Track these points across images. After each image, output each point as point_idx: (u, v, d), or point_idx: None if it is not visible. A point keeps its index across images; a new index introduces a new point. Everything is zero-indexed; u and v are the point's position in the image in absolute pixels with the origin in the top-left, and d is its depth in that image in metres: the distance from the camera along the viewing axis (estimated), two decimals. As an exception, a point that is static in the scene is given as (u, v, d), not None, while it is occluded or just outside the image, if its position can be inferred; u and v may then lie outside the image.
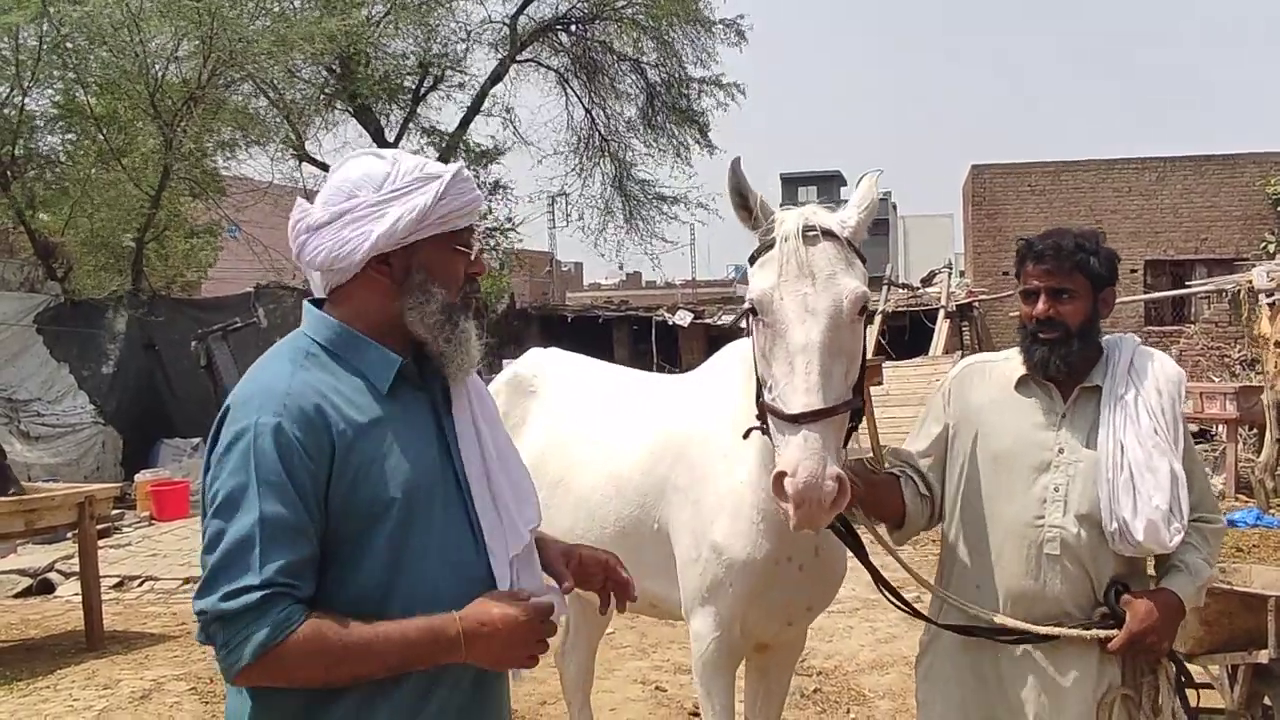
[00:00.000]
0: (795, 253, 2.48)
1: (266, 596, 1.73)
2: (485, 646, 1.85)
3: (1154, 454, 2.55)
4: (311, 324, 1.99)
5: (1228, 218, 23.18)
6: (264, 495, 1.76)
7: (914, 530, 2.87)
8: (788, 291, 2.47)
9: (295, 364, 1.90)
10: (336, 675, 1.79)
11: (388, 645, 1.79)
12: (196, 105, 15.28)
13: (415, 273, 1.96)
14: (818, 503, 2.30)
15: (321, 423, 1.83)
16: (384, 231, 1.91)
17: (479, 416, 2.08)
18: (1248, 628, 4.62)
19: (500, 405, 4.16)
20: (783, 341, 2.45)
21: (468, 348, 2.00)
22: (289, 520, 1.77)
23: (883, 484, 2.81)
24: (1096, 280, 2.68)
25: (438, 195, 1.93)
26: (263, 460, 1.78)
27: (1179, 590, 2.61)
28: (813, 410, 2.35)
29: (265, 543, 1.74)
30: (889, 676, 6.21)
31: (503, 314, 26.17)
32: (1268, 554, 9.02)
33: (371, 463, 1.86)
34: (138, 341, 14.99)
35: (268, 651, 1.72)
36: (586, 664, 4.62)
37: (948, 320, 20.74)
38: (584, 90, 23.39)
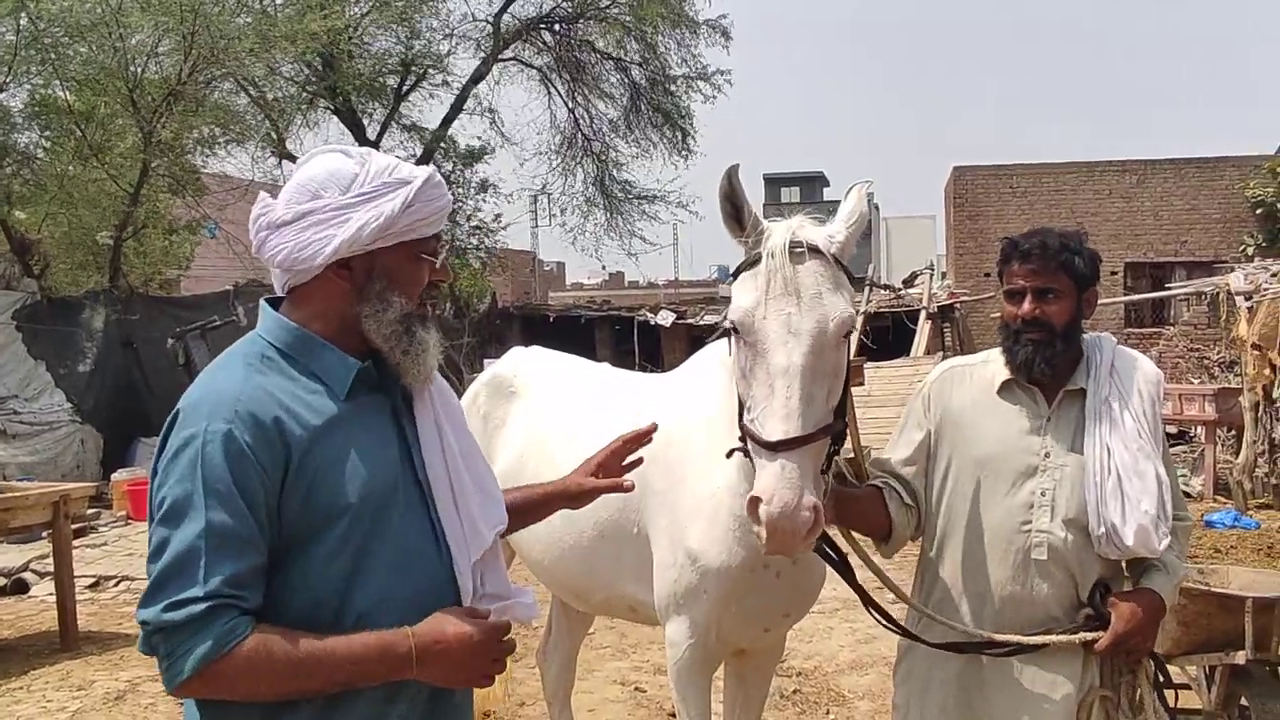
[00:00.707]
0: (780, 270, 2.39)
1: (211, 608, 1.68)
2: (437, 665, 1.80)
3: (1140, 458, 2.55)
4: (268, 326, 1.95)
5: (1207, 220, 23.33)
6: (210, 504, 1.71)
7: (902, 541, 2.83)
8: (771, 311, 2.38)
9: (249, 368, 1.86)
10: (281, 690, 1.75)
11: (335, 661, 1.74)
12: (176, 102, 15.17)
13: (376, 279, 1.92)
14: (792, 532, 2.26)
15: (275, 429, 1.78)
16: (347, 238, 1.87)
17: (442, 418, 2.04)
18: (1225, 629, 4.63)
19: (481, 406, 4.15)
20: (764, 363, 2.37)
21: (425, 358, 1.95)
22: (236, 530, 1.72)
23: (865, 498, 2.77)
24: (1081, 280, 2.66)
25: (405, 203, 1.89)
26: (210, 468, 1.73)
27: (1160, 590, 2.61)
28: (791, 438, 2.29)
29: (211, 553, 1.70)
30: (869, 677, 6.20)
31: (484, 313, 26.10)
32: (1245, 555, 9.08)
33: (328, 467, 1.82)
34: (116, 339, 14.87)
35: (210, 665, 1.68)
36: (568, 665, 4.60)
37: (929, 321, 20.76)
38: (567, 89, 23.37)
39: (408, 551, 1.90)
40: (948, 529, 2.75)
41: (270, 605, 1.78)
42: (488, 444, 4.05)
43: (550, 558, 3.65)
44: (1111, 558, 2.60)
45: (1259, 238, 22.50)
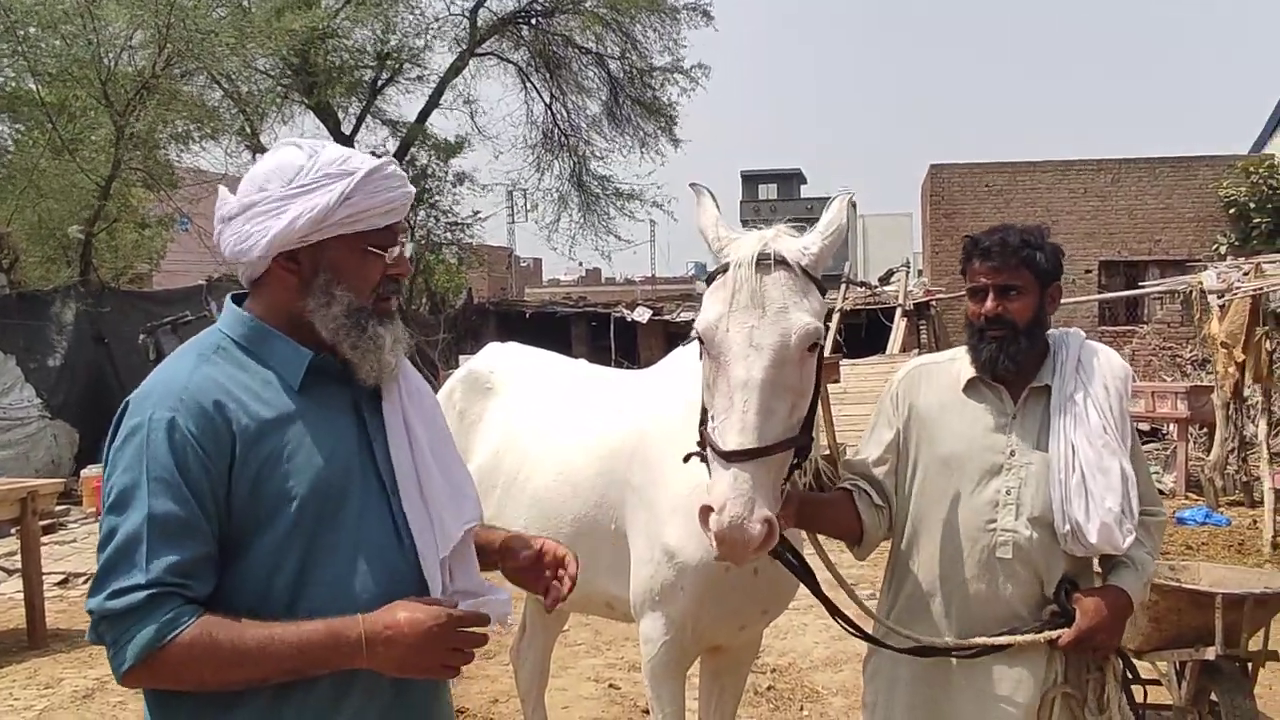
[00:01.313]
0: (747, 281, 2.36)
1: (153, 596, 1.67)
2: (389, 652, 1.77)
3: (1104, 454, 2.54)
4: (225, 319, 1.95)
5: (1181, 219, 23.52)
6: (154, 492, 1.71)
7: (874, 543, 2.82)
8: (735, 323, 2.36)
9: (201, 359, 1.86)
10: (228, 679, 1.73)
11: (283, 648, 1.72)
12: (150, 95, 15.03)
13: (321, 273, 1.89)
14: (742, 543, 2.25)
15: (220, 418, 1.77)
16: (279, 230, 1.84)
17: (410, 413, 2.02)
18: (1195, 625, 4.66)
19: (457, 402, 4.13)
20: (725, 375, 2.35)
21: (378, 354, 1.92)
22: (180, 518, 1.71)
23: (834, 502, 2.77)
24: (1043, 276, 2.66)
25: (343, 194, 1.85)
26: (154, 456, 1.73)
27: (1128, 587, 2.61)
28: (746, 450, 2.26)
29: (153, 541, 1.69)
30: (842, 673, 6.22)
31: (460, 309, 26.04)
32: (1216, 552, 9.15)
33: (277, 458, 1.81)
34: (87, 334, 14.73)
35: (152, 653, 1.67)
36: (541, 662, 4.58)
37: (905, 319, 20.85)
38: (545, 84, 23.32)
39: (366, 546, 1.88)
40: (916, 527, 2.75)
41: (220, 598, 1.77)
42: (464, 440, 4.03)
43: (524, 555, 3.63)
44: (1077, 555, 2.60)
45: (1231, 237, 22.70)
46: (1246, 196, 22.70)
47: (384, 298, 1.97)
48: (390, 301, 1.99)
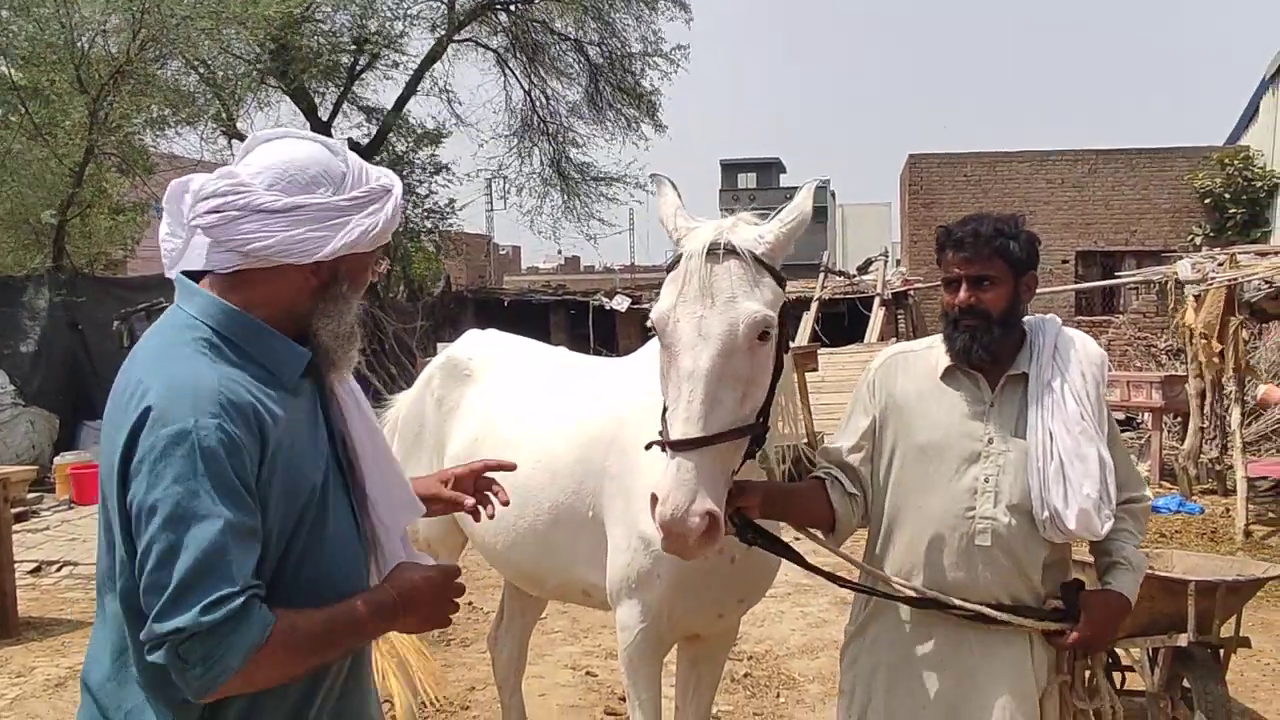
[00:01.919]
0: (697, 272, 2.36)
1: (248, 601, 1.69)
2: (415, 611, 1.93)
3: (1082, 441, 2.55)
4: (205, 309, 1.88)
5: (1157, 210, 23.68)
6: (225, 501, 1.70)
7: (847, 531, 2.81)
8: (684, 313, 2.36)
9: (206, 357, 1.82)
10: (307, 665, 1.82)
11: (345, 626, 1.84)
12: (124, 80, 14.87)
13: (341, 280, 1.93)
14: (681, 536, 2.25)
15: (255, 418, 1.78)
16: (348, 241, 1.87)
17: (355, 406, 2.10)
18: (1169, 612, 4.70)
19: (435, 389, 4.11)
20: (675, 365, 2.36)
21: (354, 353, 2.01)
22: (248, 524, 1.73)
23: (804, 492, 2.77)
24: (1017, 265, 2.65)
25: (390, 215, 1.92)
26: (212, 465, 1.70)
27: (1126, 591, 2.64)
28: (690, 439, 2.27)
29: (235, 549, 1.69)
30: (819, 661, 6.24)
31: (439, 297, 25.93)
32: (1189, 540, 9.24)
33: (289, 455, 1.84)
34: (61, 320, 14.57)
35: (255, 654, 1.69)
36: (519, 650, 4.58)
37: (883, 308, 20.95)
38: (524, 71, 23.21)
39: (340, 535, 1.95)
40: (894, 516, 2.74)
41: None
42: (442, 427, 4.01)
43: (504, 543, 3.62)
44: (1056, 541, 2.61)
45: (1206, 227, 22.90)
46: (1221, 188, 22.89)
47: None
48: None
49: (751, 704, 5.67)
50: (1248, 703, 5.56)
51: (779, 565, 3.21)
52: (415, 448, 4.06)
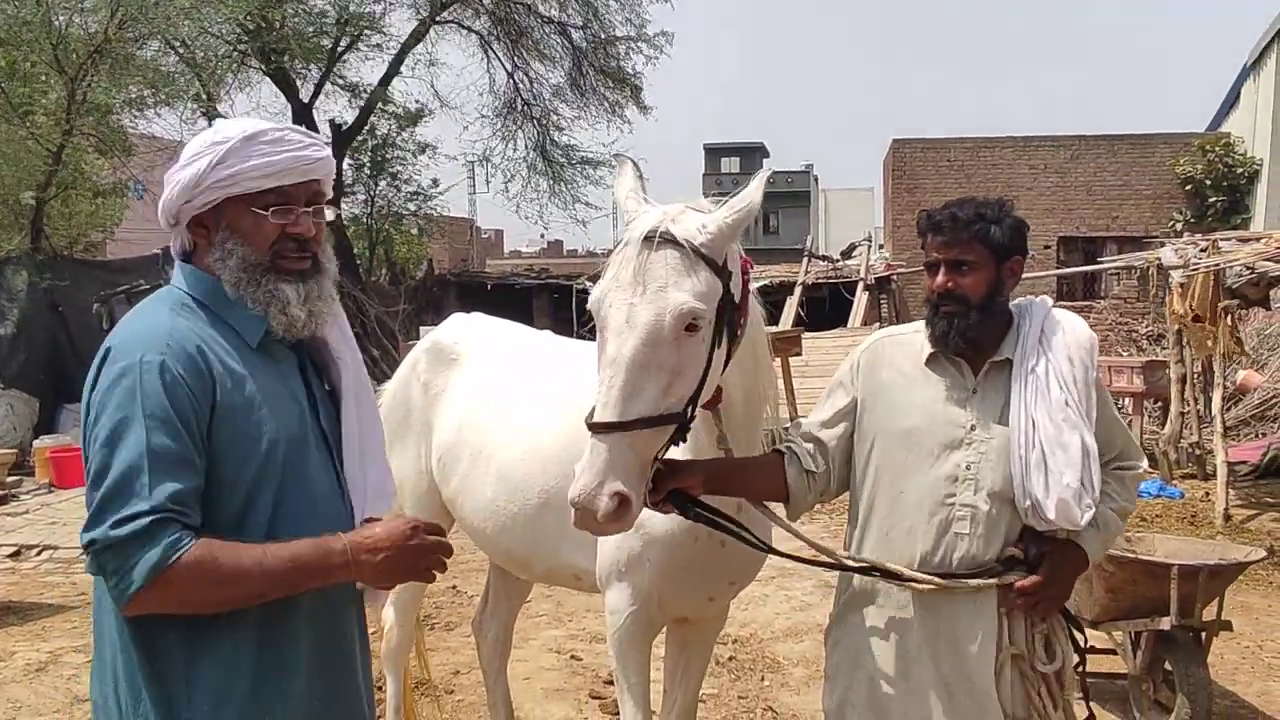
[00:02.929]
0: (633, 259, 2.36)
1: (156, 521, 1.79)
2: (372, 560, 1.94)
3: (1064, 428, 2.52)
4: (184, 278, 2.10)
5: (1139, 196, 23.78)
6: (150, 427, 1.83)
7: (802, 506, 2.80)
8: (615, 300, 2.36)
9: (173, 312, 2.00)
10: (229, 594, 1.87)
11: (277, 563, 1.87)
12: (102, 60, 14.70)
13: (221, 231, 2.05)
14: (589, 514, 2.28)
15: (203, 363, 1.92)
16: (166, 198, 2.06)
17: (363, 393, 2.21)
18: (1151, 596, 4.73)
19: (421, 373, 4.08)
20: (603, 350, 2.37)
21: (283, 308, 2.06)
22: (175, 451, 1.84)
23: (755, 466, 2.76)
24: (998, 250, 2.62)
25: (212, 163, 2.01)
26: (148, 395, 1.85)
27: (1088, 546, 2.63)
28: (604, 424, 2.29)
29: (153, 471, 1.81)
30: (803, 644, 6.26)
31: (421, 280, 25.84)
32: (1170, 524, 9.31)
33: (249, 406, 1.97)
34: (41, 303, 14.45)
35: (160, 574, 1.79)
36: (504, 634, 4.57)
37: (866, 293, 21.00)
38: (507, 53, 23.09)
39: (319, 499, 2.06)
40: (873, 501, 2.73)
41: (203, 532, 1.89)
42: (429, 412, 3.99)
43: (493, 527, 3.61)
44: (1039, 529, 2.59)
45: (1187, 213, 23.01)
46: (1203, 174, 23.01)
47: (283, 255, 2.08)
48: (294, 260, 2.10)
49: (736, 687, 5.68)
50: (1228, 685, 5.61)
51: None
52: (402, 431, 4.04)
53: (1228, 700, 5.41)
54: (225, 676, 1.94)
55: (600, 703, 5.44)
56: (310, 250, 2.11)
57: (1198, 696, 4.64)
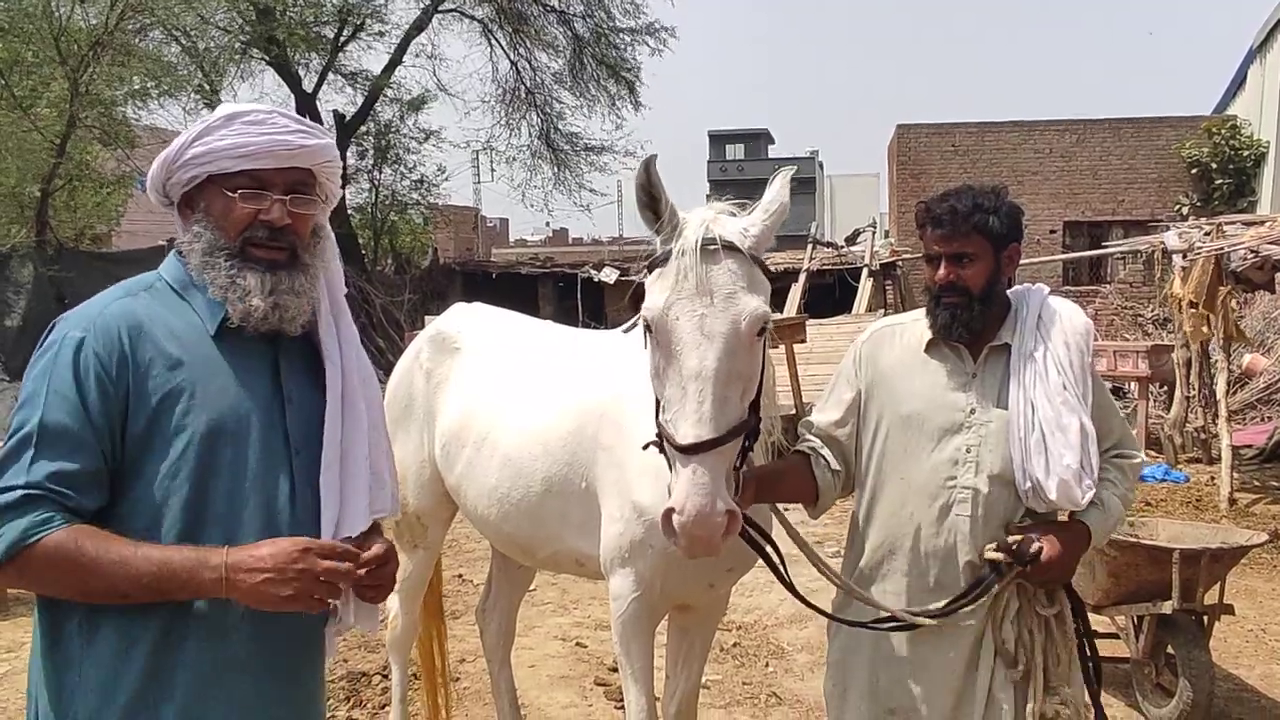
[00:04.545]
0: (693, 269, 2.31)
1: (27, 497, 1.76)
2: (249, 581, 1.80)
3: (1063, 411, 2.55)
4: (166, 262, 2.08)
5: (1144, 180, 23.71)
6: (50, 404, 1.81)
7: (829, 504, 2.85)
8: (683, 311, 2.32)
9: (127, 293, 1.99)
10: (88, 586, 1.79)
11: (144, 564, 1.79)
12: (104, 50, 14.72)
13: (196, 213, 2.03)
14: (708, 539, 2.25)
15: (126, 346, 1.87)
16: (150, 173, 2.06)
17: (357, 392, 2.09)
18: (1153, 580, 4.75)
19: (424, 362, 4.10)
20: (676, 365, 2.32)
21: (242, 295, 1.98)
22: (69, 430, 1.81)
23: (789, 470, 2.78)
24: (997, 240, 2.64)
25: (183, 144, 2.00)
26: (58, 371, 1.84)
27: (1091, 525, 2.63)
28: (704, 441, 2.25)
29: (40, 447, 1.79)
30: (807, 630, 6.28)
31: (426, 269, 25.86)
32: (1174, 508, 9.31)
33: (178, 394, 1.90)
34: (47, 295, 14.51)
35: (17, 551, 1.75)
36: (507, 622, 4.59)
37: (871, 279, 20.93)
38: (509, 42, 23.06)
39: (260, 503, 1.96)
40: (876, 487, 2.76)
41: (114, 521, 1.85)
42: (431, 400, 4.01)
43: (496, 513, 3.63)
44: (1040, 511, 2.62)
45: (1193, 197, 22.95)
46: (1208, 157, 22.93)
47: (254, 243, 2.00)
48: (265, 249, 2.01)
49: (740, 673, 5.71)
50: (1231, 668, 5.62)
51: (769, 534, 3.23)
52: (405, 420, 4.05)
53: (1230, 684, 5.42)
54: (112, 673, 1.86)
55: (605, 689, 5.47)
56: (286, 240, 2.02)
57: (1200, 680, 4.66)
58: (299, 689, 2.08)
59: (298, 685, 2.08)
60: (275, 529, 1.95)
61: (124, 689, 1.86)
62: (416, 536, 4.16)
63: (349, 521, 2.01)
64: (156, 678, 1.87)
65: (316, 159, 2.07)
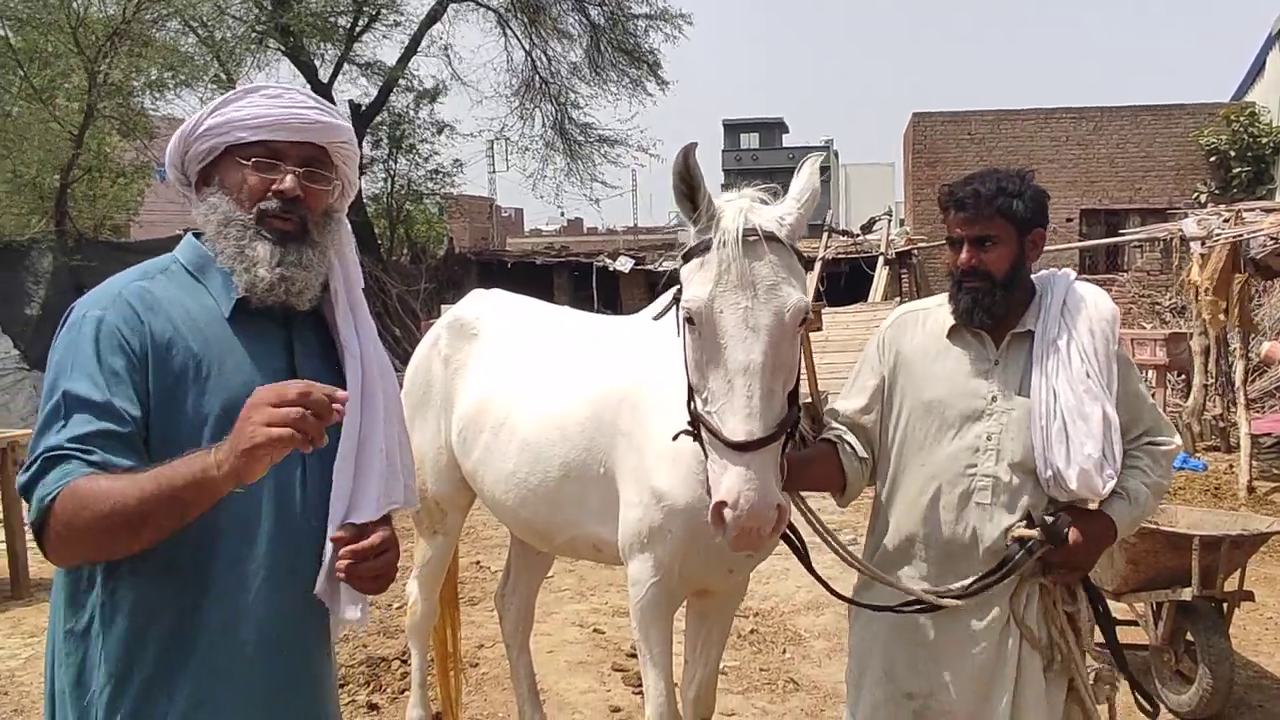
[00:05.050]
0: (735, 260, 2.30)
1: (50, 459, 1.76)
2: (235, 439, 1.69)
3: (1085, 399, 2.53)
4: (182, 245, 2.09)
5: (1161, 168, 23.55)
6: (74, 375, 1.82)
7: (856, 492, 2.84)
8: (727, 304, 2.30)
9: (143, 276, 1.99)
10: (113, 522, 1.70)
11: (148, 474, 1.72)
12: (121, 41, 14.78)
13: (211, 184, 2.04)
14: (758, 534, 2.26)
15: (144, 323, 1.89)
16: (169, 147, 2.09)
17: (375, 383, 2.08)
18: (1172, 566, 4.73)
19: (442, 348, 4.11)
20: (721, 358, 2.31)
21: (250, 265, 1.97)
22: (95, 397, 1.81)
23: (817, 459, 2.76)
24: (1021, 224, 2.62)
25: (200, 116, 2.04)
26: (81, 345, 1.85)
27: (1116, 516, 2.61)
28: (756, 440, 2.25)
29: (68, 416, 1.79)
30: (824, 617, 6.29)
31: (442, 259, 25.92)
32: (1193, 496, 9.28)
33: (193, 376, 1.90)
34: (66, 284, 14.58)
35: (50, 505, 1.73)
36: (526, 608, 4.61)
37: (887, 267, 20.88)
38: (524, 31, 23.05)
39: (272, 483, 1.92)
40: (898, 473, 2.75)
41: None
42: (449, 386, 4.02)
43: (514, 499, 3.64)
44: (1062, 500, 2.60)
45: (1211, 185, 22.77)
46: (1227, 145, 22.75)
47: (268, 215, 2.00)
48: (277, 220, 2.01)
49: (758, 659, 5.72)
50: (1250, 656, 5.61)
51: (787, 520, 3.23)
52: (423, 406, 4.07)
53: (1250, 671, 5.41)
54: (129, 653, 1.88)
55: (623, 675, 5.49)
56: (298, 213, 2.01)
57: (1219, 667, 4.65)
58: (308, 671, 2.10)
59: (309, 668, 2.10)
60: (289, 508, 1.98)
61: (141, 669, 1.88)
62: (435, 522, 4.18)
63: (359, 510, 2.00)
64: (172, 658, 1.89)
65: (331, 136, 2.08)
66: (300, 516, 1.98)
